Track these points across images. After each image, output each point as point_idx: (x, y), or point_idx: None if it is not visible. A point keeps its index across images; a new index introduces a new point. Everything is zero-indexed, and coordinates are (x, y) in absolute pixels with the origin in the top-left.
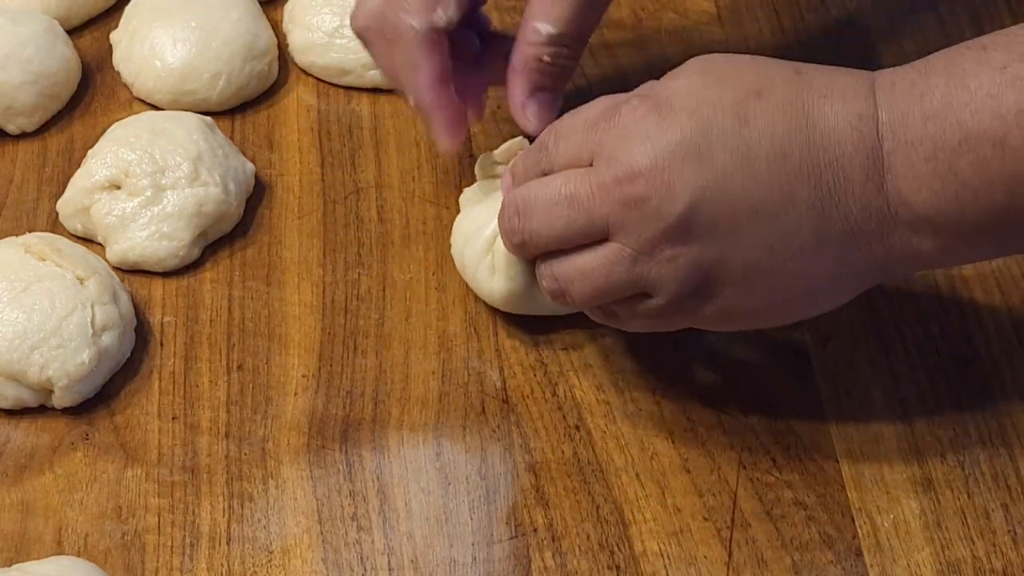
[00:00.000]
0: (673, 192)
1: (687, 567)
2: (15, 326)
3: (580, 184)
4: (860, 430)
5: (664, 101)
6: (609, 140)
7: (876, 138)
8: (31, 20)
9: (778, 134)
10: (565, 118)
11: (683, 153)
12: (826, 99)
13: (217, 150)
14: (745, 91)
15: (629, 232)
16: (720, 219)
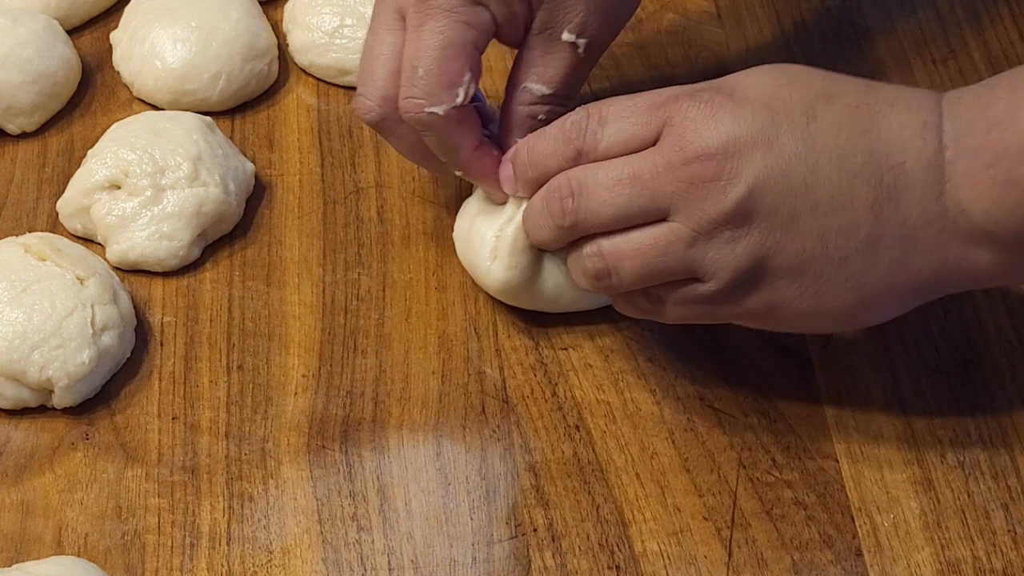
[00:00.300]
0: (739, 176)
1: (687, 567)
2: (15, 326)
3: (644, 163)
4: (860, 430)
5: (739, 93)
6: (680, 121)
7: (939, 146)
8: (31, 20)
9: (843, 135)
10: (615, 101)
11: (752, 140)
12: (892, 107)
13: (217, 150)
14: (815, 93)
15: (691, 212)
16: (781, 207)
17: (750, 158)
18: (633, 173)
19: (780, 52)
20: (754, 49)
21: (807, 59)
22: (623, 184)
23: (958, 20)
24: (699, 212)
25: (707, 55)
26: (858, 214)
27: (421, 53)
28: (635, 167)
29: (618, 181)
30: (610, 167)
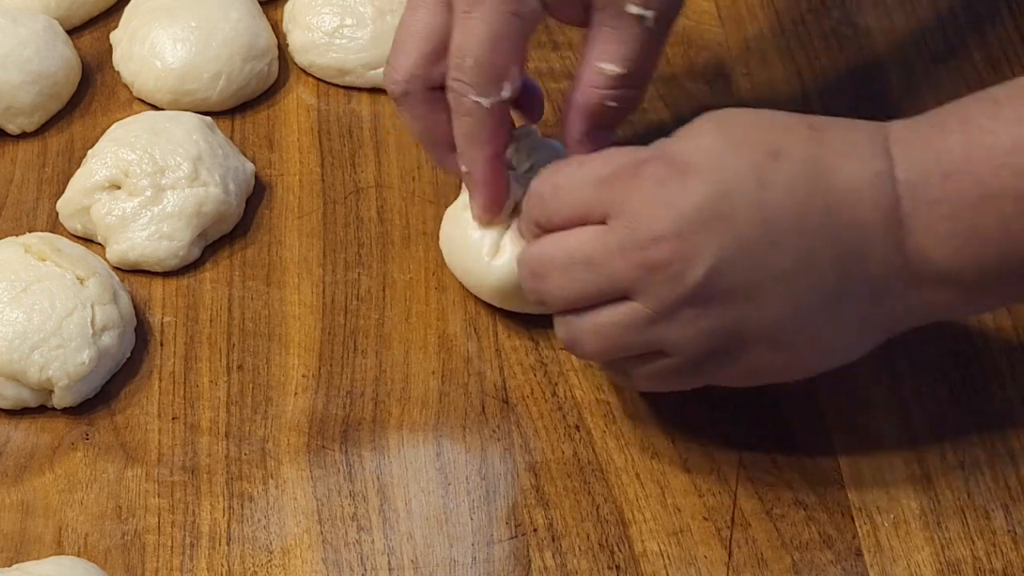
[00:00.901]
0: (695, 257)
1: (687, 567)
2: (15, 326)
3: (597, 246)
4: (860, 430)
5: (683, 164)
6: (627, 201)
7: (894, 197)
8: (31, 20)
9: (797, 196)
10: (564, 169)
11: (705, 219)
12: (843, 157)
13: (217, 150)
14: (763, 152)
15: (649, 294)
16: (741, 283)
17: (705, 238)
18: (587, 257)
19: (780, 52)
20: (754, 49)
21: (807, 59)
22: (578, 268)
23: (958, 20)
24: (658, 295)
25: (707, 55)
26: (822, 274)
27: (470, 42)
28: (589, 250)
29: (573, 264)
30: (565, 248)
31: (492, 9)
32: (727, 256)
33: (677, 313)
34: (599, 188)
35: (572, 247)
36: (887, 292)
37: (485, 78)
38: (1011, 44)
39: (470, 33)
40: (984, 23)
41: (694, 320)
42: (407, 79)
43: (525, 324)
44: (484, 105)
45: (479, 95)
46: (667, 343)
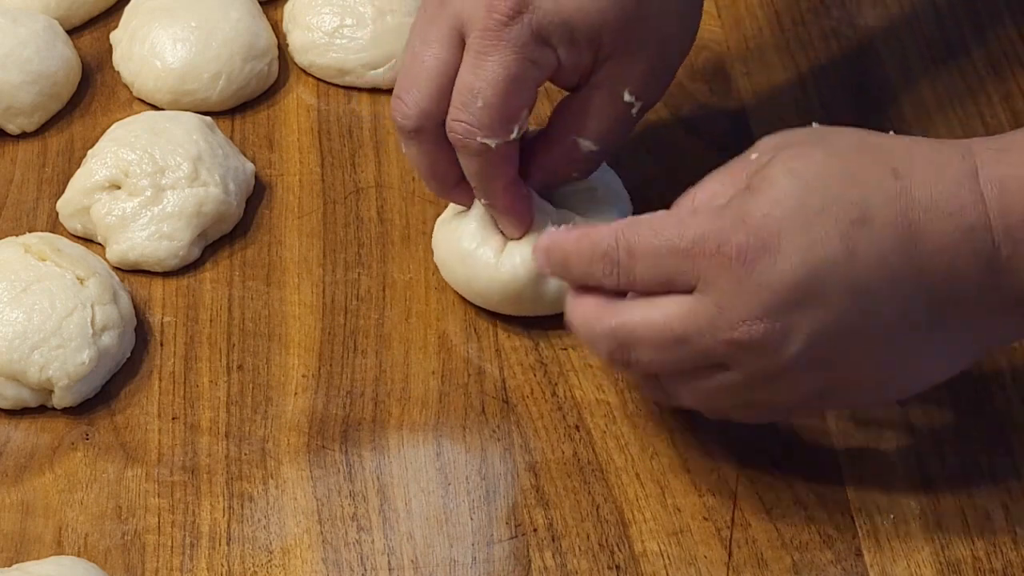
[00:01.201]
0: (788, 336)
1: (687, 567)
2: (15, 326)
3: (689, 323)
4: (860, 430)
5: (771, 239)
6: (714, 279)
7: (992, 247)
8: (31, 20)
9: (889, 263)
10: (639, 235)
11: (797, 298)
12: (931, 214)
13: (217, 150)
14: (849, 219)
15: (743, 366)
16: (836, 351)
17: (799, 316)
18: (679, 336)
19: (780, 52)
20: (754, 49)
21: (807, 59)
22: (671, 347)
23: (958, 20)
24: (754, 368)
25: (707, 55)
26: (915, 330)
27: (483, 85)
28: (679, 328)
29: (666, 341)
30: (653, 325)
31: (511, 54)
32: (821, 330)
33: (774, 381)
34: (681, 260)
35: (661, 324)
36: (980, 324)
37: (495, 119)
38: (1011, 44)
39: (484, 74)
40: (984, 23)
41: (791, 384)
42: (420, 116)
43: (525, 324)
44: (492, 147)
45: (486, 137)
46: (764, 401)
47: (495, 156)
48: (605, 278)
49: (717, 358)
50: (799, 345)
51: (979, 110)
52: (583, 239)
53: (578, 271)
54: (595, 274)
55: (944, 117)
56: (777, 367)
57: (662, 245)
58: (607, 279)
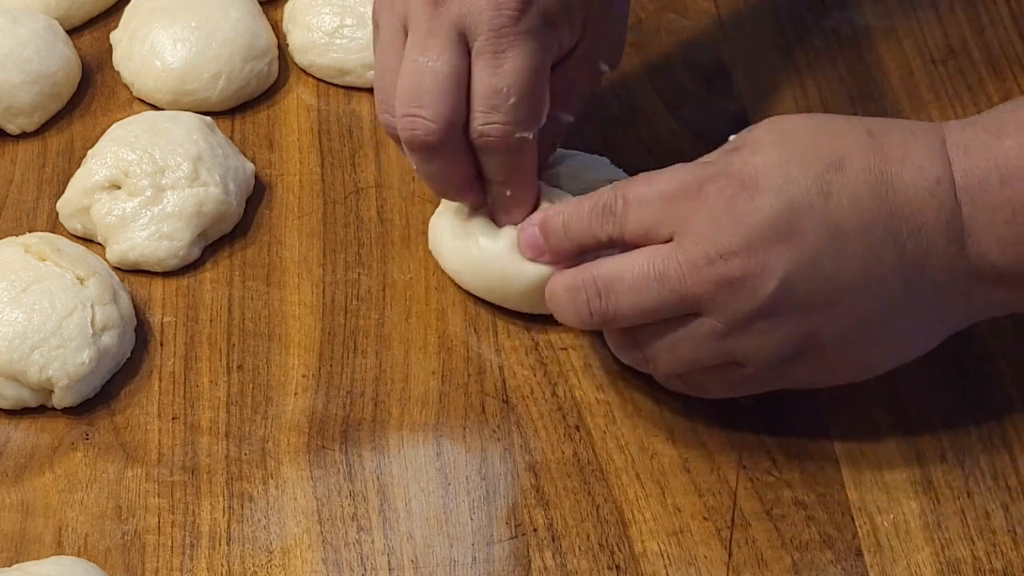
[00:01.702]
0: (766, 272)
1: (687, 567)
2: (15, 326)
3: (668, 262)
4: (860, 430)
5: (749, 179)
6: (695, 217)
7: (954, 203)
8: (31, 20)
9: (863, 207)
10: (635, 185)
11: (775, 233)
12: (903, 165)
13: (217, 150)
14: (825, 164)
15: (722, 310)
16: (812, 294)
17: (775, 252)
18: (659, 274)
19: (780, 52)
20: (754, 49)
21: (807, 59)
22: (650, 286)
23: (958, 20)
24: (731, 310)
25: (707, 55)
26: (889, 283)
27: (510, 80)
28: (659, 267)
29: (645, 283)
30: (634, 266)
31: (530, 44)
32: (797, 269)
33: (750, 326)
34: (666, 204)
35: (641, 264)
36: (950, 292)
37: (528, 111)
38: (1011, 44)
39: (508, 72)
40: (984, 23)
41: (767, 331)
42: (447, 127)
43: (525, 324)
44: (529, 138)
45: (523, 131)
46: (740, 354)
47: (528, 148)
48: (600, 230)
49: (694, 300)
50: (775, 283)
51: (979, 110)
52: (584, 200)
53: (576, 230)
54: (593, 228)
55: (944, 117)
56: (753, 308)
57: (651, 191)
58: (603, 231)
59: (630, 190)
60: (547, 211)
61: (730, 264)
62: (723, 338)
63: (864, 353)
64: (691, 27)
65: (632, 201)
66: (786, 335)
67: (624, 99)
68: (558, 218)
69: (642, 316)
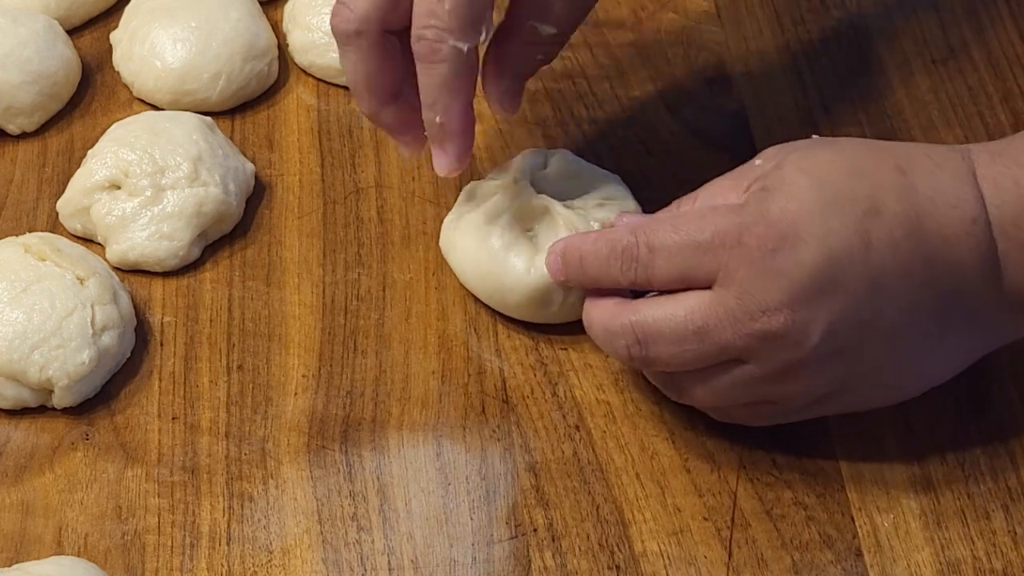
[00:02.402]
0: (809, 325)
1: (687, 567)
2: (15, 326)
3: (709, 315)
4: (860, 430)
5: (789, 230)
6: (735, 271)
7: (989, 241)
8: (31, 20)
9: (900, 252)
10: (659, 231)
11: (817, 286)
12: (935, 204)
13: (217, 150)
14: (862, 210)
15: (762, 360)
16: (851, 340)
17: (818, 306)
18: (698, 328)
19: (780, 52)
20: (754, 49)
21: (807, 59)
22: (689, 339)
23: (958, 20)
24: (772, 360)
25: (707, 55)
26: (925, 320)
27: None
28: (699, 322)
29: (684, 336)
30: (673, 319)
31: None
32: (839, 319)
33: (790, 373)
34: (701, 254)
35: (681, 317)
36: (983, 322)
37: (465, 22)
38: (1011, 44)
39: None
40: (984, 23)
41: (805, 377)
42: (362, 19)
43: (525, 324)
44: (463, 50)
45: (458, 40)
46: (777, 395)
47: (464, 63)
48: (623, 275)
49: (736, 351)
50: (818, 336)
51: (979, 110)
52: (600, 239)
53: (595, 271)
54: (612, 272)
55: (944, 117)
56: (795, 359)
57: (683, 240)
58: (625, 276)
59: (655, 236)
60: (566, 242)
61: (773, 319)
62: (762, 384)
63: (897, 385)
64: (691, 27)
65: (660, 250)
66: (822, 379)
67: (624, 99)
68: (575, 253)
69: (682, 365)
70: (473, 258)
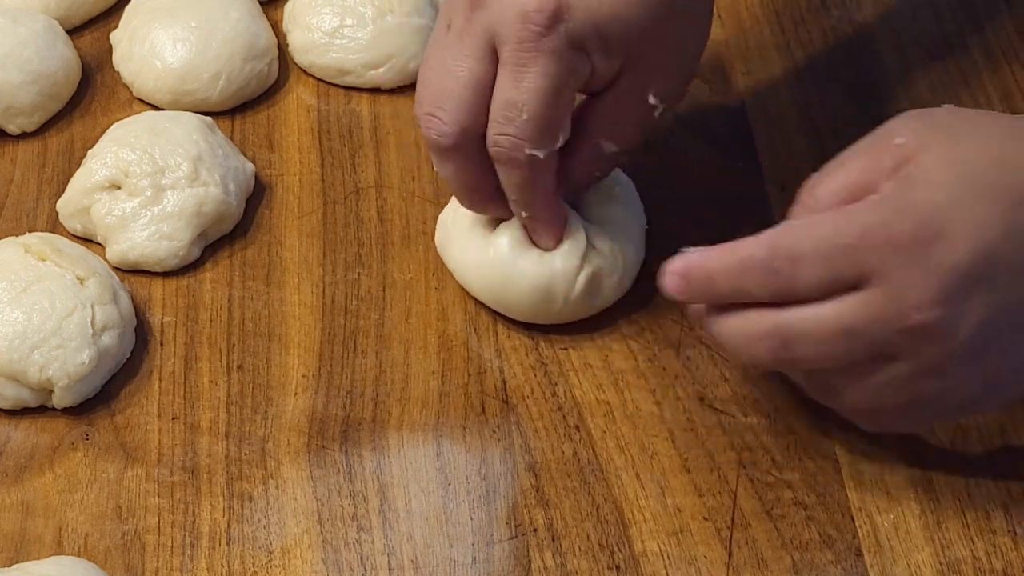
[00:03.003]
0: (961, 321)
1: (687, 567)
2: (15, 326)
3: (858, 316)
4: (860, 430)
5: (939, 226)
6: (885, 270)
7: None
8: (31, 20)
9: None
10: (798, 238)
11: (968, 282)
12: None
13: (217, 150)
14: (1010, 202)
15: (913, 357)
16: (1003, 333)
17: (970, 300)
18: (847, 328)
19: (780, 52)
20: (754, 49)
21: (807, 59)
22: (836, 340)
23: (958, 20)
24: (923, 357)
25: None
26: None
27: (526, 97)
28: (848, 322)
29: (832, 337)
30: (820, 319)
31: (551, 64)
32: (990, 314)
33: (940, 370)
34: (847, 256)
35: (828, 319)
36: None
37: (541, 132)
38: (1010, 43)
39: (526, 85)
40: (983, 22)
41: (957, 373)
42: (460, 132)
43: (525, 324)
44: (540, 157)
45: (533, 149)
46: (929, 394)
47: (540, 167)
48: (761, 290)
49: (886, 349)
50: (970, 330)
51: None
52: (730, 254)
53: (726, 288)
54: (747, 288)
55: None
56: (947, 354)
57: (826, 244)
58: (763, 290)
59: (794, 245)
60: (687, 261)
61: (924, 317)
62: (912, 381)
63: None
64: None
65: (802, 259)
66: (976, 374)
67: None
68: (701, 272)
69: (828, 363)
70: (472, 258)
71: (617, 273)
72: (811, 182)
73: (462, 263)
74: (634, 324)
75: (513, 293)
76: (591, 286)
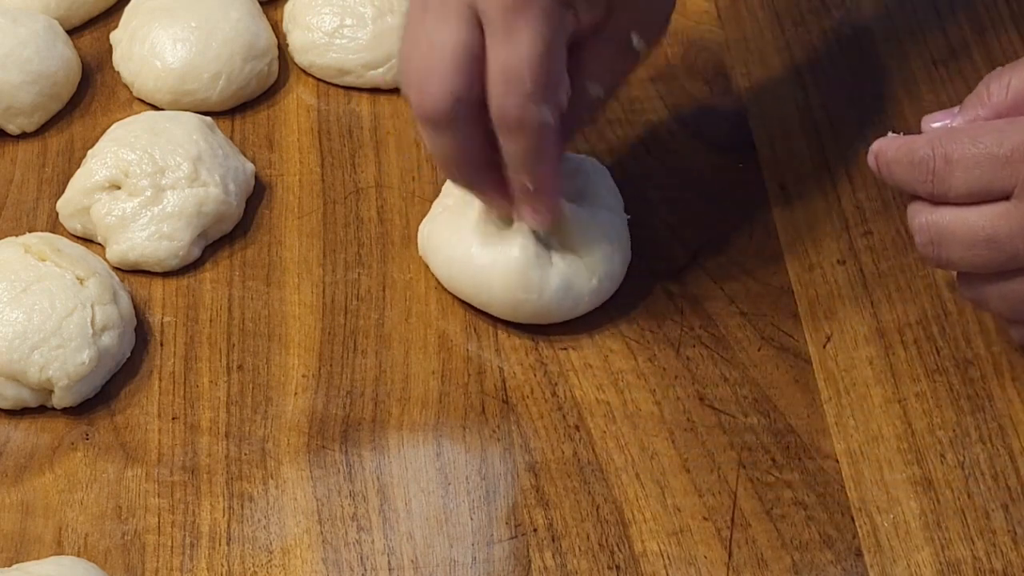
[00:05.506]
0: None
1: (687, 567)
2: (15, 326)
3: (1001, 225)
4: (860, 430)
5: None
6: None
7: None
8: (31, 20)
9: None
10: (957, 143)
11: None
12: None
13: (217, 150)
14: None
15: None
16: None
17: None
18: (990, 236)
19: (780, 52)
20: (754, 49)
21: (807, 59)
22: (980, 246)
23: (958, 20)
24: None
25: (707, 55)
26: None
27: (524, 58)
28: (992, 229)
29: (975, 242)
30: (965, 223)
31: (542, 23)
32: None
33: None
34: (999, 167)
35: (975, 225)
36: None
37: (546, 91)
38: (1011, 44)
39: (521, 49)
40: (984, 23)
41: None
42: (455, 100)
43: (525, 324)
44: (549, 119)
45: (542, 111)
46: None
47: (547, 131)
48: (920, 186)
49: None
50: None
51: None
52: (902, 147)
53: (898, 176)
54: (911, 181)
55: None
56: None
57: (980, 153)
58: (922, 187)
59: (953, 149)
60: (879, 144)
61: None
62: None
63: None
64: (691, 27)
65: (957, 163)
66: None
67: (624, 99)
68: (884, 157)
69: (973, 269)
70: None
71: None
72: (992, 75)
73: (448, 273)
74: (634, 324)
75: (487, 292)
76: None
